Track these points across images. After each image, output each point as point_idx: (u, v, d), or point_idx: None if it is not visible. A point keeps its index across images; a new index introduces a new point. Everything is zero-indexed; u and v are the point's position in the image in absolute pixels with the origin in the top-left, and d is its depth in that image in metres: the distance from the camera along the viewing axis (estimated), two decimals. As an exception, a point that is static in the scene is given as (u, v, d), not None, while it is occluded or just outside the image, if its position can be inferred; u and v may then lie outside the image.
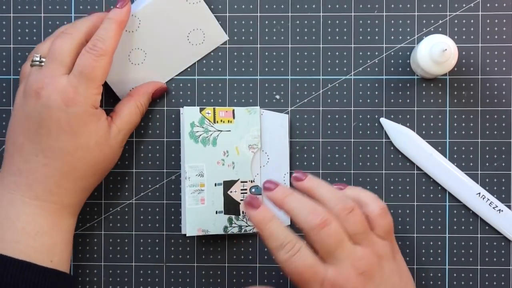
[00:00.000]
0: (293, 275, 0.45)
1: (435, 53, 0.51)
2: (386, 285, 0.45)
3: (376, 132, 0.56)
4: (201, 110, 0.55)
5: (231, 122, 0.55)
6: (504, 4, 0.56)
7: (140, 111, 0.54)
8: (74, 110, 0.48)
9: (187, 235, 0.55)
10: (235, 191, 0.55)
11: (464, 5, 0.56)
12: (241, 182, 0.55)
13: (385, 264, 0.46)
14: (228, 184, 0.55)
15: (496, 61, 0.56)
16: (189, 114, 0.55)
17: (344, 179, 0.56)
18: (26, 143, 0.49)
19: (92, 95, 0.49)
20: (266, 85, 0.57)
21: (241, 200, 0.55)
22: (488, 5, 0.56)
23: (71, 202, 0.50)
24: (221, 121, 0.55)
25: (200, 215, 0.54)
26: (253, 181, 0.55)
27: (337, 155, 0.56)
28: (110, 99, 0.57)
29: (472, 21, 0.56)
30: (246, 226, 0.55)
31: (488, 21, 0.56)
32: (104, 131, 0.50)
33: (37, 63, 0.50)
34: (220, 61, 0.57)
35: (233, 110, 0.55)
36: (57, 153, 0.48)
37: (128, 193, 0.57)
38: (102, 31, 0.50)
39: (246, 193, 0.55)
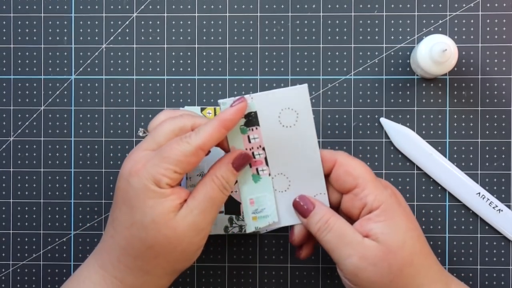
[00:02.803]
0: (364, 168, 0.47)
1: (435, 53, 0.51)
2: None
3: (376, 132, 0.57)
4: (202, 110, 0.55)
5: None
6: (504, 4, 0.56)
7: (217, 184, 0.46)
8: (133, 182, 0.45)
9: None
10: (236, 191, 0.55)
11: (464, 5, 0.56)
12: None
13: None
14: None
15: (496, 61, 0.56)
16: None
17: (344, 179, 0.56)
18: (110, 212, 0.47)
19: (157, 174, 0.44)
20: (266, 85, 0.57)
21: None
22: (488, 5, 0.56)
23: (133, 284, 0.46)
24: None
25: None
26: None
27: (337, 155, 0.56)
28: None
29: (472, 21, 0.56)
30: (247, 225, 0.55)
31: (488, 21, 0.56)
32: (165, 211, 0.44)
33: (140, 134, 0.50)
34: (220, 61, 0.57)
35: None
36: (119, 225, 0.46)
37: (128, 193, 0.57)
38: (203, 125, 0.46)
39: None
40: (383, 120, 0.56)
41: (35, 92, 0.57)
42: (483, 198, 0.55)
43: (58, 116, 0.57)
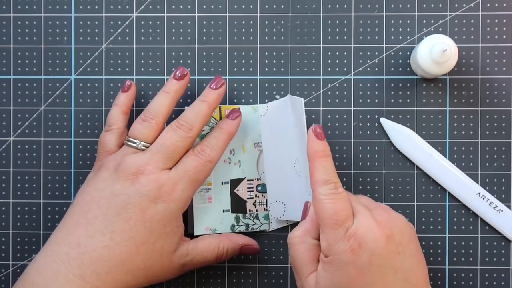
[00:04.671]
0: (326, 212, 0.44)
1: (435, 53, 0.51)
2: (405, 249, 0.45)
3: (376, 132, 0.57)
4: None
5: None
6: (504, 4, 0.56)
7: (217, 254, 0.51)
8: (164, 207, 0.48)
9: (194, 234, 0.55)
10: (242, 190, 0.55)
11: (464, 5, 0.56)
12: (248, 180, 0.55)
13: (404, 231, 0.45)
14: (234, 183, 0.55)
15: (496, 61, 0.56)
16: None
17: (344, 179, 0.56)
18: (100, 219, 0.47)
19: (188, 197, 0.49)
20: (266, 85, 0.57)
21: (248, 198, 0.55)
22: (488, 5, 0.56)
23: None
24: None
25: (207, 213, 0.54)
26: (259, 179, 0.55)
27: (337, 155, 0.56)
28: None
29: (472, 21, 0.56)
30: (253, 224, 0.55)
31: (488, 21, 0.56)
32: (175, 241, 0.49)
33: (136, 146, 0.50)
34: (220, 61, 0.57)
35: (239, 109, 0.55)
36: (126, 240, 0.47)
37: (128, 193, 0.57)
38: (213, 139, 0.51)
39: (252, 191, 0.55)
40: (383, 120, 0.56)
41: (35, 92, 0.57)
42: (483, 198, 0.55)
43: (58, 116, 0.57)
